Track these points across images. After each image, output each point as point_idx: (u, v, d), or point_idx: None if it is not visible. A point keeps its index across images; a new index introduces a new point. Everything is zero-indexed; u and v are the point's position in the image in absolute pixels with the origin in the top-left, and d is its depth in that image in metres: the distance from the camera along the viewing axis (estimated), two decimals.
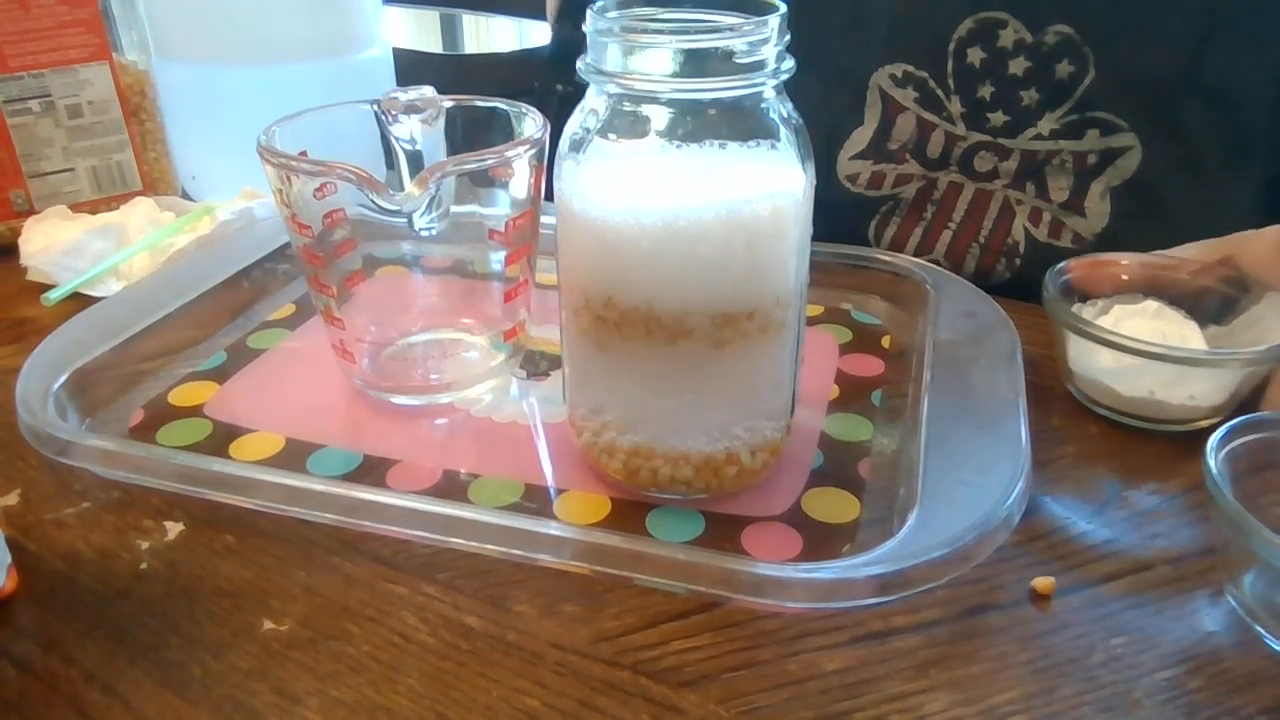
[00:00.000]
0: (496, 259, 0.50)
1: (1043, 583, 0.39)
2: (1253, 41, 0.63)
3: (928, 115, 0.70)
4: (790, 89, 0.40)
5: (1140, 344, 0.47)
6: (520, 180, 0.47)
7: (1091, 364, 0.50)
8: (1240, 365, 0.47)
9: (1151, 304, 0.53)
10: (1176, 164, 0.54)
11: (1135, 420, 0.50)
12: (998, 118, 0.68)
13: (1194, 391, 0.48)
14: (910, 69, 0.70)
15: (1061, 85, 0.66)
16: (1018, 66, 0.67)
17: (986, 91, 0.68)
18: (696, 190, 0.37)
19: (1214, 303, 0.53)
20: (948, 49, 0.69)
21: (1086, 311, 0.53)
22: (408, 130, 0.50)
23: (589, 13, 0.38)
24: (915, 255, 0.68)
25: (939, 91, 0.70)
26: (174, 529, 0.43)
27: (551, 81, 0.94)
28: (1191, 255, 0.54)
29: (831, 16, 0.72)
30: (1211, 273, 0.53)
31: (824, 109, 0.71)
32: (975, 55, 0.68)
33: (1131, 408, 0.50)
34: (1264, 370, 0.48)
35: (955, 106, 0.69)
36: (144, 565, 0.41)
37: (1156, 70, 0.64)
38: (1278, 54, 0.63)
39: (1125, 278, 0.55)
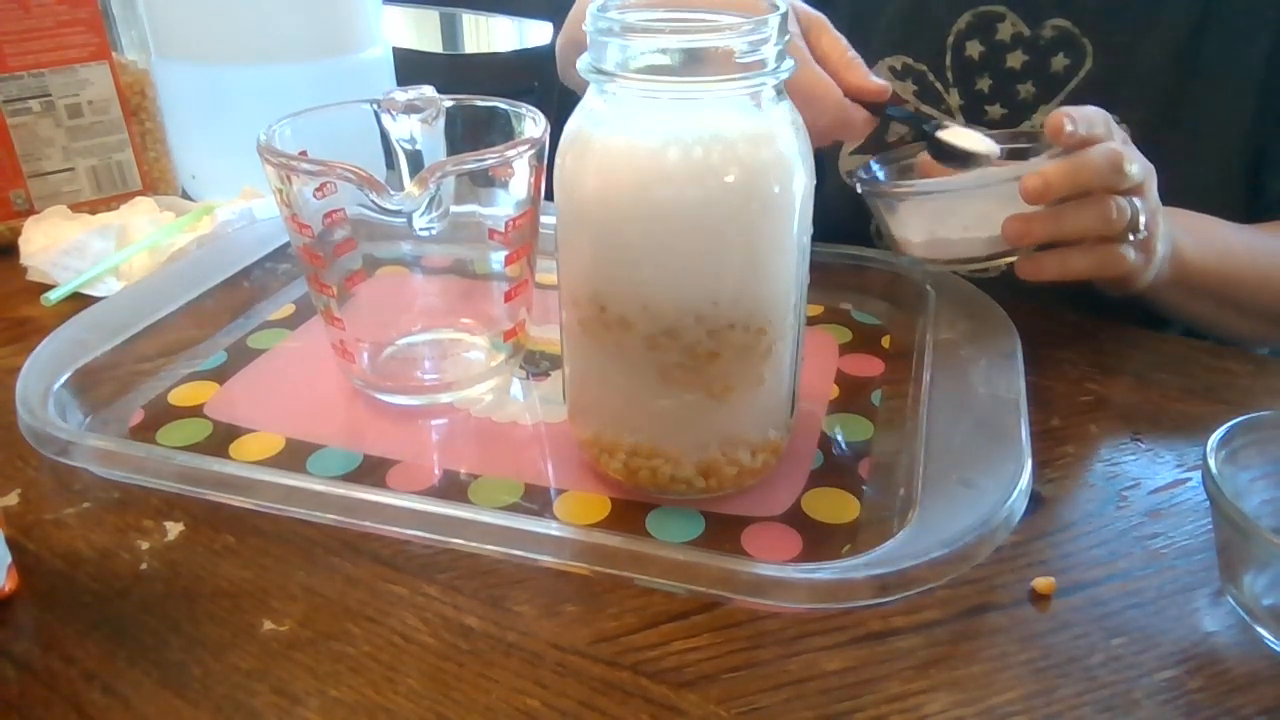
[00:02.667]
0: (496, 259, 0.50)
1: (1043, 583, 0.39)
2: (1245, 26, 0.63)
3: (926, 108, 0.71)
4: None
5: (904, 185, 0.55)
6: (520, 180, 0.47)
7: (896, 227, 0.56)
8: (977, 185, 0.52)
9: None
10: (1171, 150, 0.55)
11: (942, 265, 0.56)
12: (995, 110, 0.69)
13: (966, 223, 0.53)
14: (910, 61, 0.71)
15: (1057, 78, 0.67)
16: (1015, 60, 0.68)
17: (984, 84, 0.69)
18: (694, 186, 0.37)
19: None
20: (946, 42, 0.69)
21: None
22: (408, 130, 0.50)
23: (589, 12, 0.38)
24: None
25: (938, 84, 0.70)
26: (174, 529, 0.43)
27: (553, 79, 0.95)
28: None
29: (833, 9, 0.73)
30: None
31: None
32: (974, 48, 0.69)
33: (929, 252, 0.55)
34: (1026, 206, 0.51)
35: (954, 99, 0.70)
36: (144, 565, 0.41)
37: (1152, 59, 0.65)
38: (1269, 38, 0.63)
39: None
